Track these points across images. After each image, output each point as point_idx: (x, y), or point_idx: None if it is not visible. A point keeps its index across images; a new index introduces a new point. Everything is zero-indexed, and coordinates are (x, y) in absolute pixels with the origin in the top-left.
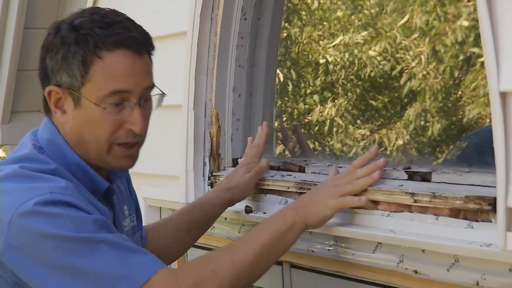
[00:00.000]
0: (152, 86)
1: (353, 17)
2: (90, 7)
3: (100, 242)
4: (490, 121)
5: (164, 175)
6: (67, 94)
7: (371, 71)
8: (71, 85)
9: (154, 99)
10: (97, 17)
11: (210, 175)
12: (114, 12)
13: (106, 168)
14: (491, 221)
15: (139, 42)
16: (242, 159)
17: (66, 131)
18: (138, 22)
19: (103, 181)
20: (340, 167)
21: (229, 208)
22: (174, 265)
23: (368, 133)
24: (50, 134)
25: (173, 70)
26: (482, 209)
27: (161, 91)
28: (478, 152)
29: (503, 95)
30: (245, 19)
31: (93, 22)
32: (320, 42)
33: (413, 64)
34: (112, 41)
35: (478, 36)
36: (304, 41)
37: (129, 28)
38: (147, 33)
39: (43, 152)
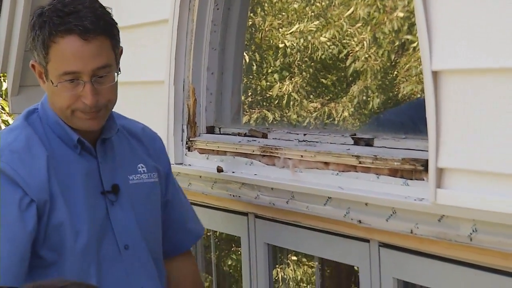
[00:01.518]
0: (107, 65)
1: (307, 8)
2: None
3: None
4: (421, 96)
5: None
6: (42, 68)
7: (322, 54)
8: (41, 62)
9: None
10: (60, 5)
11: (187, 140)
12: (80, 0)
13: (76, 128)
14: (423, 180)
15: (87, 30)
16: None
17: (47, 97)
18: (126, 11)
19: (73, 134)
20: (297, 134)
21: (202, 167)
22: None
23: (319, 106)
24: (44, 98)
25: (157, 51)
26: (416, 169)
27: (119, 70)
28: (412, 120)
29: (435, 74)
30: (218, 9)
31: (55, 10)
32: (280, 29)
33: (357, 48)
34: (62, 29)
35: (411, 25)
36: (266, 29)
37: (84, 17)
38: (102, 21)
39: (36, 112)
